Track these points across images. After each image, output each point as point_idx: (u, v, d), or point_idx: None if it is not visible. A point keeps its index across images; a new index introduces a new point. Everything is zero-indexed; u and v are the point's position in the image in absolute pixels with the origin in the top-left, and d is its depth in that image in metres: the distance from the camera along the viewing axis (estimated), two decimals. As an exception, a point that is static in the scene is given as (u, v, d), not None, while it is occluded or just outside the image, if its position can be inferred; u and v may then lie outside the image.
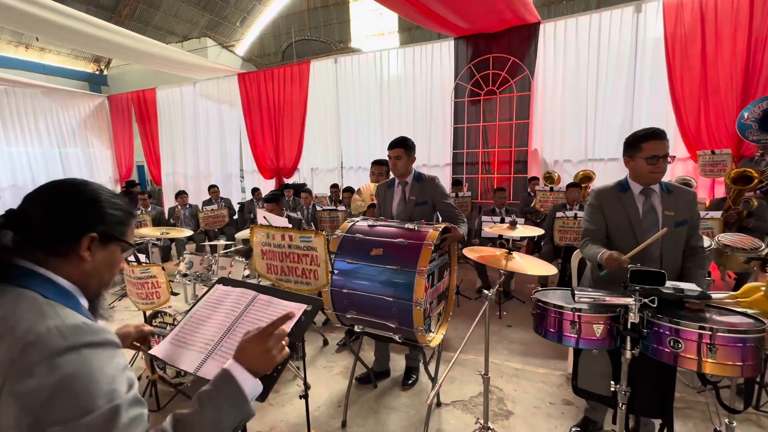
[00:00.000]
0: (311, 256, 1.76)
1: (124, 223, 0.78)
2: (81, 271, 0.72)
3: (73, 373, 0.55)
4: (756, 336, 1.30)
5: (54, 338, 0.56)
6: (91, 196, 0.73)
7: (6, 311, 0.60)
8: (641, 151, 1.76)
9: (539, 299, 1.67)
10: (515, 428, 2.24)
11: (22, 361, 0.54)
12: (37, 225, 0.68)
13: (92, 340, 0.59)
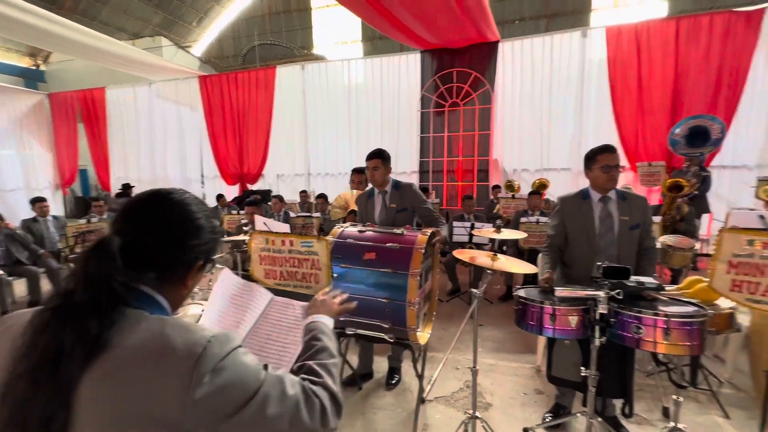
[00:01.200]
0: (312, 261, 1.81)
1: (218, 244, 0.83)
2: (180, 294, 0.74)
3: (235, 369, 0.63)
4: (700, 320, 1.55)
5: (216, 347, 0.61)
6: (198, 222, 0.73)
7: (151, 332, 0.62)
8: (597, 162, 2.03)
9: (521, 296, 1.85)
10: (495, 418, 2.41)
11: (198, 372, 0.58)
12: (156, 252, 0.69)
13: (238, 344, 0.66)
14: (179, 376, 0.58)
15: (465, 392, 2.70)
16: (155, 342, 0.61)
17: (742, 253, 1.32)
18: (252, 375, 0.65)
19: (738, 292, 1.36)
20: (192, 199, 0.75)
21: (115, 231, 0.68)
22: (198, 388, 0.58)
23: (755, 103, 5.69)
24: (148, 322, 0.63)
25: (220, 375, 0.60)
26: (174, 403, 0.58)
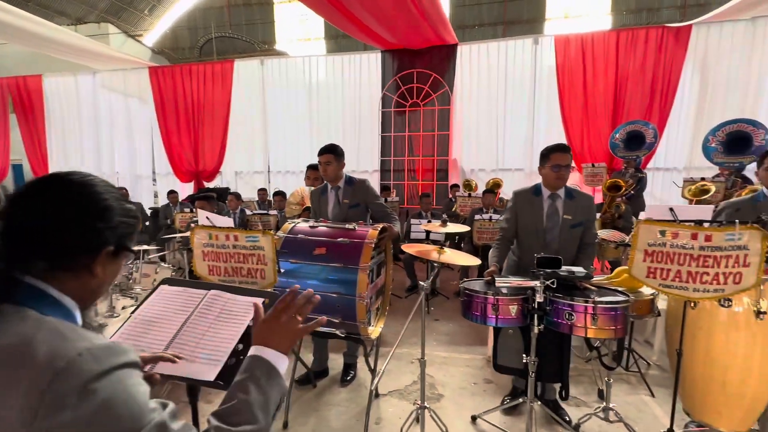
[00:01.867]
0: (258, 256, 1.78)
1: (134, 230, 0.71)
2: (86, 286, 0.64)
3: (112, 396, 0.51)
4: (623, 306, 1.68)
5: (87, 363, 0.51)
6: (105, 203, 0.65)
7: (19, 336, 0.52)
8: (549, 161, 2.15)
9: (466, 288, 1.92)
10: (446, 408, 2.49)
11: (53, 392, 0.48)
12: (48, 237, 0.59)
13: (125, 361, 0.55)
14: (30, 393, 0.48)
15: (418, 385, 2.73)
16: (19, 348, 0.51)
17: (656, 242, 1.45)
18: (134, 412, 0.52)
19: (653, 279, 1.50)
20: (98, 181, 0.67)
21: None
22: (53, 412, 0.47)
23: (684, 111, 6.26)
24: (24, 324, 0.54)
25: (89, 400, 0.48)
26: (17, 425, 0.47)
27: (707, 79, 6.14)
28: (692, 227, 1.39)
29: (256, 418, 0.65)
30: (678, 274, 1.45)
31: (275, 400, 0.71)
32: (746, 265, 1.37)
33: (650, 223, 1.45)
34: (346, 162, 8.22)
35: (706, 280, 1.41)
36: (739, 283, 1.39)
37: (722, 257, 1.38)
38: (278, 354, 0.75)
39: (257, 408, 0.66)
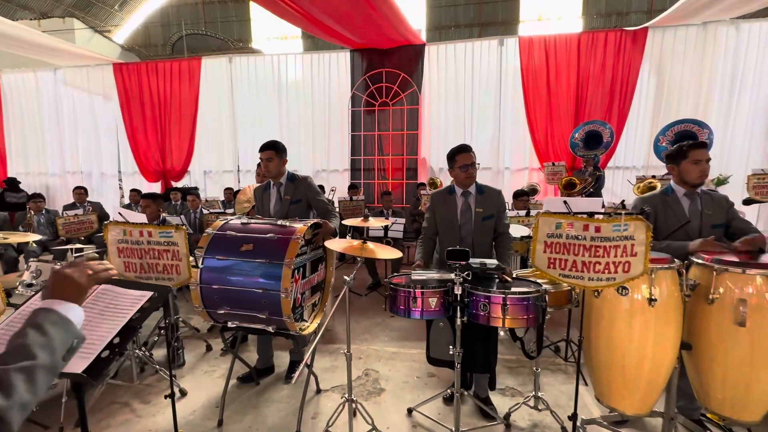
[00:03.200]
0: (172, 251, 1.77)
1: None
2: None
3: None
4: (533, 296, 1.74)
5: None
6: None
7: None
8: (456, 162, 2.26)
9: (391, 282, 1.95)
10: (386, 402, 2.51)
11: None
12: None
13: None
14: None
15: (362, 380, 2.78)
16: None
17: (554, 233, 1.51)
18: None
19: (553, 269, 1.56)
20: None
21: None
22: None
23: (642, 111, 6.47)
24: None
25: None
26: None
27: (663, 80, 6.37)
28: (584, 219, 1.46)
29: (34, 355, 0.68)
30: (574, 264, 1.51)
31: (62, 339, 0.74)
32: (633, 255, 1.44)
33: (548, 215, 1.51)
34: (317, 161, 8.28)
35: (599, 269, 1.48)
36: (629, 271, 1.46)
37: (611, 247, 1.45)
38: (63, 302, 0.78)
39: (36, 347, 0.69)
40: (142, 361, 2.84)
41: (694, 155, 2.05)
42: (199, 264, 1.84)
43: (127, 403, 2.51)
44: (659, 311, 1.59)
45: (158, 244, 1.75)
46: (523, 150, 6.93)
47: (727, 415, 1.69)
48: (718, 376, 1.64)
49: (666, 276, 1.61)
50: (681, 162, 2.08)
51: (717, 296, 1.59)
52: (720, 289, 1.59)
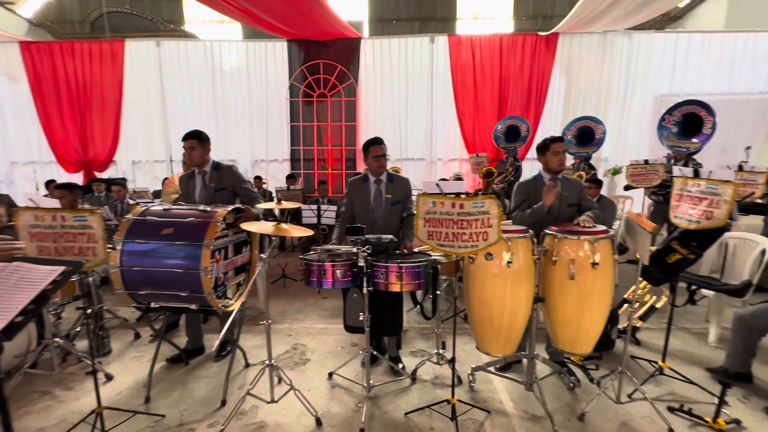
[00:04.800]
0: (88, 234, 1.85)
1: None
2: None
3: None
4: (422, 264, 2.08)
5: None
6: None
7: None
8: (369, 153, 2.54)
9: (303, 258, 2.19)
10: (310, 370, 2.78)
11: None
12: None
13: None
14: None
15: (290, 353, 3.02)
16: None
17: (430, 210, 1.85)
18: None
19: (432, 240, 1.90)
20: None
21: None
22: None
23: (554, 109, 7.25)
24: None
25: None
26: None
27: (571, 82, 7.18)
28: (452, 198, 1.80)
29: None
30: (447, 235, 1.86)
31: None
32: (490, 226, 1.82)
33: (425, 195, 1.84)
34: (256, 151, 8.21)
35: (465, 238, 1.84)
36: (487, 239, 1.84)
37: (473, 220, 1.81)
38: None
39: None
40: (64, 351, 2.83)
41: (555, 148, 2.52)
42: (116, 247, 1.94)
43: (48, 392, 2.52)
44: (515, 272, 2.01)
45: (73, 228, 1.83)
46: (454, 142, 7.45)
47: (568, 350, 2.18)
48: (560, 320, 2.11)
49: (520, 243, 2.03)
50: (546, 153, 2.55)
51: (557, 258, 2.04)
52: (561, 253, 2.04)
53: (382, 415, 2.27)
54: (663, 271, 2.32)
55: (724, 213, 2.05)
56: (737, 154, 6.16)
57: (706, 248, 2.18)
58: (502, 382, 2.56)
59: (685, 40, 7.04)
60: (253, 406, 2.34)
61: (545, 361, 2.45)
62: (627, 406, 2.27)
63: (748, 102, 6.85)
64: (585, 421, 2.17)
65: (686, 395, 2.40)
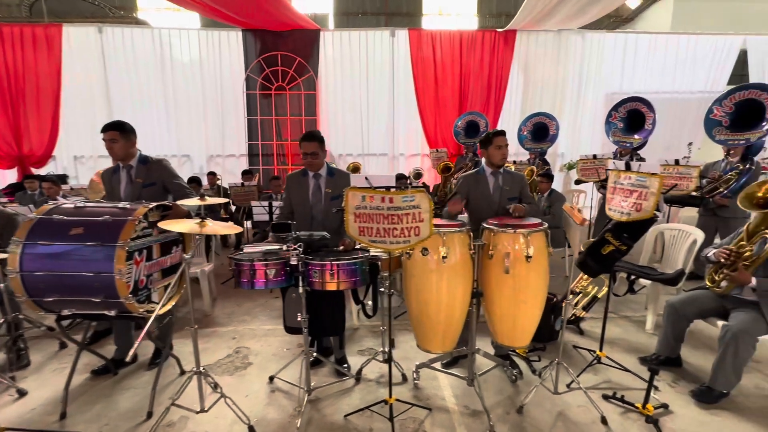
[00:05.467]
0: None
1: None
2: None
3: None
4: (357, 261, 2.00)
5: None
6: None
7: None
8: (302, 149, 2.42)
9: (233, 257, 2.06)
10: (250, 374, 2.64)
11: None
12: None
13: None
14: None
15: (232, 357, 2.87)
16: None
17: (360, 205, 1.77)
18: None
19: (364, 236, 1.82)
20: None
21: None
22: None
23: (513, 105, 7.38)
24: None
25: None
26: None
27: (529, 79, 7.33)
28: (381, 192, 1.74)
29: None
30: (378, 230, 1.79)
31: None
32: (421, 221, 1.77)
33: (354, 190, 1.76)
34: (211, 145, 7.88)
35: (396, 233, 1.78)
36: (419, 234, 1.79)
37: (403, 215, 1.76)
38: None
39: None
40: (-29, 366, 2.55)
41: (497, 142, 2.51)
42: (14, 250, 1.74)
43: (-52, 412, 2.26)
44: (451, 266, 1.97)
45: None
46: (416, 137, 7.43)
47: (507, 343, 2.17)
48: (497, 314, 2.10)
49: (456, 238, 1.99)
50: (489, 147, 2.53)
51: (493, 252, 2.02)
52: (497, 246, 2.02)
53: (320, 419, 2.18)
54: (599, 262, 2.36)
55: (652, 205, 2.10)
56: (681, 150, 6.51)
57: (636, 239, 2.23)
58: (446, 378, 2.54)
59: (633, 41, 7.34)
60: (183, 417, 2.19)
61: (486, 355, 2.45)
62: (564, 396, 2.30)
63: (690, 101, 7.24)
64: (524, 413, 2.18)
65: (622, 383, 2.46)
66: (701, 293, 2.48)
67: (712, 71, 7.38)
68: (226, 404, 2.11)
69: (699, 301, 2.45)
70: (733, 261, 2.24)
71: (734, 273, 2.23)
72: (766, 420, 2.12)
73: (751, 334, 2.16)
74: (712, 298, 2.42)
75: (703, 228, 3.50)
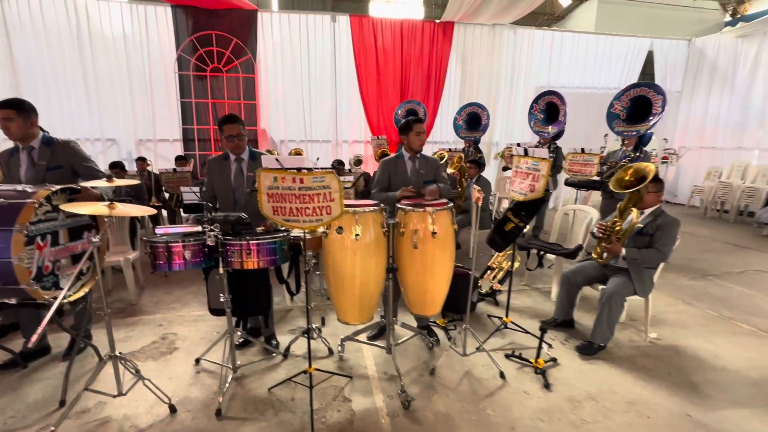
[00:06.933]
0: None
1: None
2: None
3: None
4: (275, 241, 2.08)
5: None
6: None
7: None
8: (224, 132, 2.43)
9: (147, 239, 2.04)
10: (176, 358, 2.64)
11: None
12: None
13: None
14: None
15: (157, 344, 2.83)
16: None
17: (272, 186, 1.85)
18: None
19: (277, 215, 1.90)
20: None
21: None
22: None
23: (452, 95, 7.69)
24: None
25: None
26: None
27: (466, 70, 7.66)
28: (292, 173, 1.83)
29: None
30: (291, 210, 1.88)
31: None
32: (332, 200, 1.89)
33: (266, 170, 1.83)
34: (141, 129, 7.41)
35: (309, 213, 1.89)
36: (331, 213, 1.91)
37: (314, 195, 1.86)
38: None
39: None
40: None
41: (417, 128, 2.67)
42: None
43: None
44: (365, 244, 2.12)
45: None
46: (360, 123, 7.51)
47: (419, 312, 2.39)
48: (409, 286, 2.29)
49: (370, 217, 2.14)
50: (408, 133, 2.69)
51: (404, 229, 2.19)
52: (408, 225, 2.20)
53: (245, 394, 2.26)
54: (503, 238, 2.65)
55: (542, 186, 2.39)
56: (599, 140, 7.22)
57: (531, 217, 2.54)
58: (371, 349, 2.72)
59: (559, 38, 7.93)
60: (100, 402, 2.16)
61: (405, 326, 2.66)
62: (472, 357, 2.57)
63: (607, 96, 7.97)
64: (435, 375, 2.42)
65: (524, 343, 2.80)
66: (588, 264, 2.87)
67: (626, 69, 8.21)
68: (145, 386, 2.12)
69: (586, 271, 2.84)
70: (608, 235, 2.62)
71: (609, 245, 2.61)
72: (631, 365, 2.54)
73: (621, 295, 2.55)
74: (596, 267, 2.82)
75: (605, 209, 3.99)
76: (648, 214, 2.65)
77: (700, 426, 2.00)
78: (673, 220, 2.57)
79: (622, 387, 2.31)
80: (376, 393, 2.26)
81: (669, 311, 3.36)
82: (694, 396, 2.24)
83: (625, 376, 2.43)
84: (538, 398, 2.21)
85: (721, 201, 7.32)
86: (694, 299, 3.62)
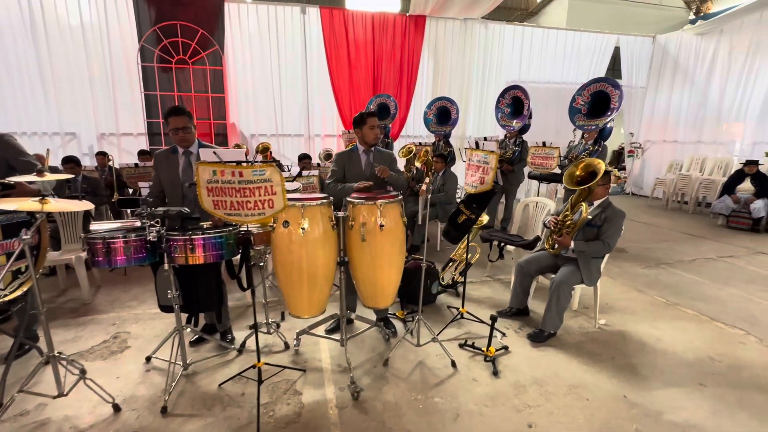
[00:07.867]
0: None
1: None
2: None
3: None
4: (220, 235, 2.05)
5: None
6: None
7: None
8: (169, 124, 2.37)
9: (85, 235, 1.98)
10: (126, 357, 2.58)
11: None
12: None
13: None
14: None
15: (108, 343, 2.76)
16: None
17: (212, 179, 1.82)
18: None
19: (218, 209, 1.88)
20: None
21: None
22: None
23: (424, 89, 7.71)
24: None
25: None
26: None
27: (438, 64, 7.69)
28: (231, 166, 1.80)
29: None
30: (232, 204, 1.86)
31: None
32: (274, 194, 1.87)
33: (204, 164, 1.80)
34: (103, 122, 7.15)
35: (250, 206, 1.87)
36: (273, 207, 1.90)
37: (255, 188, 1.85)
38: None
39: None
40: None
41: (370, 122, 2.68)
42: None
43: None
44: (312, 237, 2.12)
45: None
46: (332, 117, 7.45)
47: (371, 305, 2.40)
48: (360, 279, 2.31)
49: (316, 210, 2.13)
50: (363, 127, 2.69)
51: (353, 223, 2.20)
52: (357, 218, 2.21)
53: (194, 390, 2.24)
54: (457, 230, 2.69)
55: (491, 178, 2.43)
56: (568, 135, 7.40)
57: (483, 209, 2.58)
58: (327, 342, 2.73)
59: (530, 34, 8.04)
60: (40, 404, 2.10)
61: (359, 318, 2.68)
62: (426, 347, 2.62)
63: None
64: (388, 365, 2.45)
65: (479, 333, 2.86)
66: (541, 254, 2.95)
67: (593, 65, 8.40)
68: (86, 386, 2.07)
69: (539, 261, 2.92)
70: (559, 228, 2.70)
71: (559, 238, 2.69)
72: (578, 351, 2.64)
73: (569, 284, 2.64)
74: (549, 257, 2.90)
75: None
76: (597, 206, 2.74)
77: (634, 406, 2.10)
78: (619, 212, 2.67)
79: (566, 371, 2.40)
80: (328, 385, 2.28)
81: (621, 298, 3.50)
82: (632, 378, 2.34)
83: (571, 360, 2.52)
84: (485, 385, 2.27)
85: (681, 193, 7.63)
86: (646, 287, 3.77)
